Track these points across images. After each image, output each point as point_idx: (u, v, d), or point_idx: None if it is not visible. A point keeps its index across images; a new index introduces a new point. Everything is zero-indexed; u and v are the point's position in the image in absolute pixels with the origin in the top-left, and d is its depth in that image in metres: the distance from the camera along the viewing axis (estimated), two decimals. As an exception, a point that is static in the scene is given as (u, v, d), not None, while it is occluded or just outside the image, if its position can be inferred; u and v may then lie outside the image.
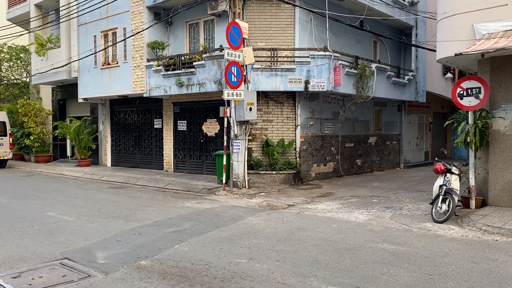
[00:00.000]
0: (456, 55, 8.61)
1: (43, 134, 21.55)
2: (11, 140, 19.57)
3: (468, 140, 9.06)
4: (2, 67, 24.18)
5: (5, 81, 23.76)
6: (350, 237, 7.27)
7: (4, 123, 19.34)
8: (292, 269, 5.58)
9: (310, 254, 6.26)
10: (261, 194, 11.81)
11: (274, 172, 13.16)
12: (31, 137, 21.11)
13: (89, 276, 5.33)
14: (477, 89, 8.76)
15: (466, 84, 8.91)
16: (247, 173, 12.75)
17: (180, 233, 7.44)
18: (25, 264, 5.80)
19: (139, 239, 7.08)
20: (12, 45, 23.09)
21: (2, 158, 19.26)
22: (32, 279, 5.22)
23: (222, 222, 8.38)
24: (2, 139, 19.08)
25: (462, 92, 8.95)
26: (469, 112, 9.15)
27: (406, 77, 17.60)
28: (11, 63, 23.71)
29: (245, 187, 12.48)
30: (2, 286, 4.98)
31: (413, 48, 18.25)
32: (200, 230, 7.66)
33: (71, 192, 12.52)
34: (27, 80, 23.83)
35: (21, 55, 23.51)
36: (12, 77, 23.76)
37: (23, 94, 23.43)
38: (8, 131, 19.44)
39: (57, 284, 5.05)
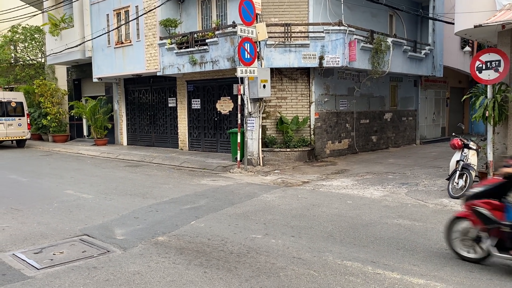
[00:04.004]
0: (475, 26, 8.36)
1: (59, 114, 21.79)
2: (28, 120, 19.85)
3: (487, 115, 8.87)
4: (18, 48, 24.36)
5: (21, 62, 23.96)
6: (365, 213, 7.27)
7: (21, 103, 19.60)
8: (307, 245, 5.62)
9: (325, 229, 6.29)
10: (276, 171, 11.83)
11: (288, 150, 13.14)
12: (48, 117, 21.38)
13: (108, 251, 5.45)
14: (497, 62, 8.51)
15: (485, 57, 8.67)
16: (262, 150, 12.76)
17: (196, 210, 7.53)
18: (46, 240, 5.96)
19: (156, 215, 7.19)
20: (27, 26, 23.18)
21: (20, 138, 19.60)
22: (54, 254, 5.36)
23: (237, 199, 8.45)
24: (20, 119, 19.37)
25: (481, 65, 8.71)
26: (488, 86, 8.93)
27: (423, 52, 17.21)
28: (26, 44, 23.85)
29: (259, 164, 12.51)
30: (25, 261, 5.13)
31: (430, 21, 17.78)
32: (215, 207, 7.74)
33: (89, 170, 12.72)
34: (42, 61, 24.00)
35: (35, 35, 23.60)
36: (28, 58, 23.94)
37: (39, 74, 23.62)
38: (26, 112, 19.71)
39: (77, 259, 5.18)
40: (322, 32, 12.76)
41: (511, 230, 4.54)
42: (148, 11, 15.61)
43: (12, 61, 24.20)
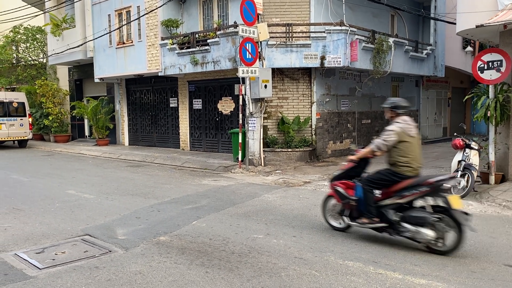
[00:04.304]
0: (477, 26, 8.36)
1: (61, 114, 21.83)
2: (30, 120, 19.89)
3: (489, 115, 8.87)
4: (20, 48, 24.40)
5: (23, 62, 24.00)
6: (367, 213, 7.25)
7: (23, 103, 19.63)
8: (309, 244, 5.62)
9: (327, 230, 6.29)
10: (277, 171, 11.83)
11: (289, 150, 13.14)
12: (50, 117, 21.42)
13: (110, 251, 5.46)
14: (499, 62, 8.51)
15: (487, 57, 8.67)
16: (263, 150, 12.76)
17: (198, 210, 7.53)
18: (48, 240, 5.96)
19: (158, 215, 7.20)
20: (28, 26, 23.22)
21: (22, 138, 19.63)
22: (55, 254, 5.37)
23: (239, 199, 8.45)
24: (22, 119, 19.40)
25: (482, 65, 8.71)
26: (490, 86, 8.93)
27: (425, 52, 17.20)
28: (28, 44, 23.88)
29: (261, 164, 12.51)
30: (27, 261, 5.14)
31: (432, 21, 17.77)
32: (217, 207, 7.74)
33: (91, 170, 12.74)
34: (44, 61, 24.02)
35: (37, 36, 23.62)
36: (29, 58, 23.98)
37: (41, 75, 23.65)
38: (28, 112, 19.74)
39: (79, 259, 5.19)
40: (324, 32, 12.76)
41: (356, 203, 5.73)
42: (149, 12, 15.63)
43: (14, 62, 24.24)
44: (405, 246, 5.50)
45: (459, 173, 8.26)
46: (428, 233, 5.15)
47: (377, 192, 5.61)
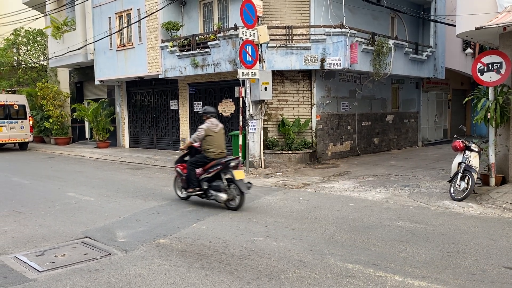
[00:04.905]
0: (476, 29, 8.37)
1: (62, 117, 21.86)
2: (31, 123, 19.91)
3: (489, 117, 8.87)
4: (20, 51, 24.45)
5: (24, 65, 24.05)
6: (367, 215, 7.26)
7: (24, 106, 19.66)
8: (308, 247, 5.61)
9: (327, 232, 6.29)
10: (277, 173, 11.83)
11: (290, 152, 13.14)
12: (51, 120, 21.44)
13: (110, 254, 5.46)
14: (498, 64, 8.52)
15: (486, 59, 8.67)
16: (263, 153, 12.76)
17: (198, 212, 7.54)
18: (48, 242, 5.97)
19: (158, 218, 7.20)
20: (29, 29, 23.28)
21: (23, 140, 19.65)
22: (55, 257, 5.37)
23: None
24: (22, 122, 19.42)
25: (482, 67, 8.72)
26: (490, 88, 8.93)
27: (425, 54, 17.21)
28: (29, 47, 23.94)
29: (261, 166, 12.51)
30: (27, 264, 5.14)
31: (432, 23, 17.78)
32: (217, 209, 7.74)
33: (91, 173, 12.74)
34: (45, 64, 24.07)
35: (38, 38, 23.68)
36: (30, 61, 24.03)
37: (41, 77, 23.69)
38: (28, 114, 19.76)
39: (79, 261, 5.19)
40: (324, 34, 12.78)
41: (186, 179, 8.04)
42: (150, 14, 15.66)
43: (15, 64, 24.28)
44: (404, 249, 5.50)
45: (460, 175, 8.26)
46: (223, 196, 7.62)
47: (198, 170, 7.93)
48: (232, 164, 7.62)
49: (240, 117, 12.24)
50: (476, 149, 8.55)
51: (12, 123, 19.09)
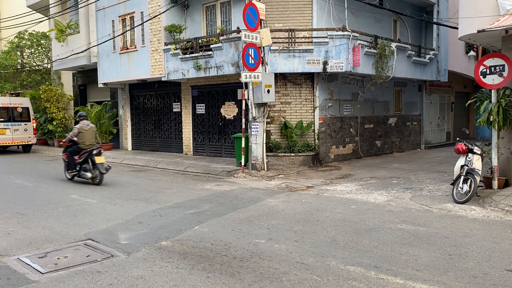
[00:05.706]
0: (479, 31, 8.37)
1: (65, 119, 21.93)
2: (34, 125, 19.99)
3: (491, 119, 8.85)
4: (24, 53, 24.57)
5: (27, 68, 24.16)
6: (369, 217, 7.26)
7: (27, 109, 19.75)
8: (310, 249, 5.62)
9: (329, 234, 6.29)
10: (280, 176, 11.84)
11: (292, 154, 13.15)
12: (54, 122, 21.52)
13: (112, 256, 5.48)
14: (501, 67, 8.52)
15: (489, 62, 8.67)
16: (266, 155, 12.78)
17: (200, 215, 7.55)
18: (50, 244, 5.99)
19: (160, 220, 7.22)
20: (33, 32, 23.40)
21: (26, 143, 19.73)
22: (58, 259, 5.40)
23: (241, 203, 8.46)
24: (26, 124, 19.51)
25: (485, 70, 8.71)
26: (492, 91, 8.92)
27: (427, 56, 17.21)
28: (33, 50, 24.06)
29: (263, 169, 12.52)
30: (30, 265, 5.17)
31: (435, 26, 17.79)
32: (219, 212, 7.75)
33: (94, 175, 12.77)
34: (48, 66, 24.19)
35: (41, 41, 23.80)
36: (34, 64, 24.14)
37: (45, 80, 23.80)
38: (32, 117, 19.85)
39: (81, 263, 5.21)
40: (326, 37, 12.80)
41: (67, 163, 11.34)
42: (153, 17, 15.72)
43: (19, 67, 24.41)
44: (406, 251, 5.50)
45: (462, 178, 8.25)
46: (88, 174, 10.74)
47: (76, 157, 10.95)
48: (95, 152, 10.57)
49: (243, 120, 12.26)
50: (479, 152, 8.53)
51: (16, 125, 19.18)
